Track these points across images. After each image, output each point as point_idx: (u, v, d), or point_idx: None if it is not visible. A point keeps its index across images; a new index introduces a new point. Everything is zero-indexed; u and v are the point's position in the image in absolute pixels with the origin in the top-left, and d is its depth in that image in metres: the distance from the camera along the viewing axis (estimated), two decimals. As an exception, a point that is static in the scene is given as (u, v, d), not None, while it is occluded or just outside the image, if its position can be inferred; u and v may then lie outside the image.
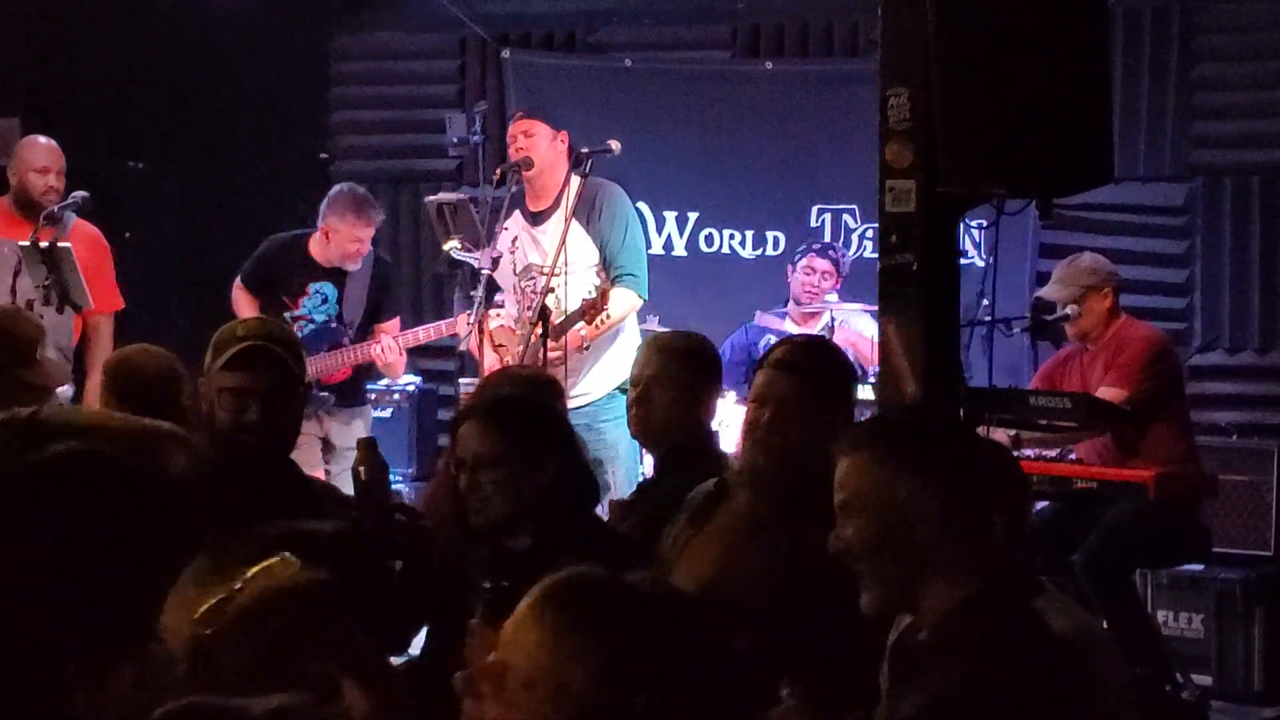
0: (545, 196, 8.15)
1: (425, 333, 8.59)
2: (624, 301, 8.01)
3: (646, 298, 8.18)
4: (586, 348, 7.83)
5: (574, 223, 7.92)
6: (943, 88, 4.97)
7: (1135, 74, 9.60)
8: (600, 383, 8.03)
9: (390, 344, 8.34)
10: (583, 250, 8.01)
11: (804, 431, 4.37)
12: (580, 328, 7.71)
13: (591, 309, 7.66)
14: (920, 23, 5.05)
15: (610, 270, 8.05)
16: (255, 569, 2.71)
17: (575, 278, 7.91)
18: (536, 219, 8.15)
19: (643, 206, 8.60)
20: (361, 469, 4.50)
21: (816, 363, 4.59)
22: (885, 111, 5.31)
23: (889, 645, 3.44)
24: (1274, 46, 9.43)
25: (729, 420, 7.72)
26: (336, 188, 8.62)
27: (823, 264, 9.32)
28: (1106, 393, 7.44)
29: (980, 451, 3.39)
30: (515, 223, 8.19)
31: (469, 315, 8.11)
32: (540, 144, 8.07)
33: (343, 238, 8.37)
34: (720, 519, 4.50)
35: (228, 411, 4.60)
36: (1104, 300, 7.72)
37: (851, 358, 6.85)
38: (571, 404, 7.21)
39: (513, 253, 8.08)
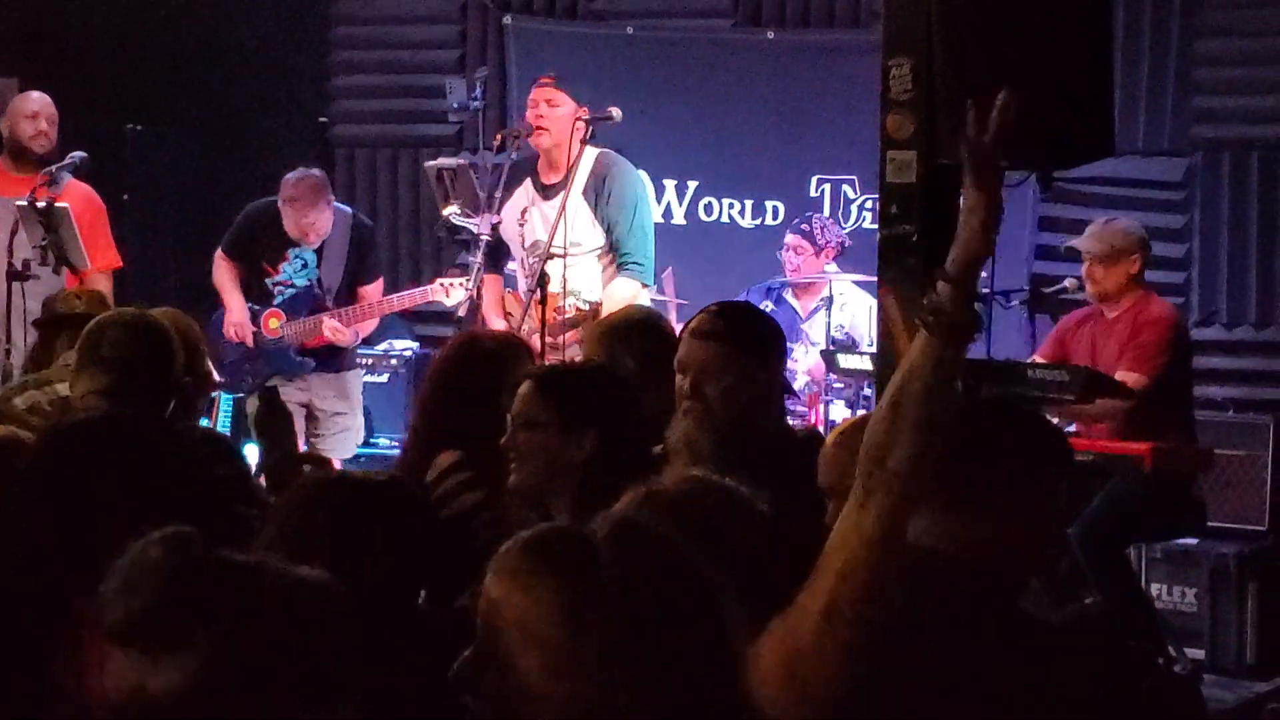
0: (558, 170, 8.00)
1: (401, 300, 8.67)
2: (626, 291, 7.88)
3: (651, 285, 8.13)
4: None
5: (582, 204, 7.92)
6: (944, 59, 4.96)
7: (1136, 48, 9.59)
8: None
9: (337, 325, 8.42)
10: (589, 234, 7.94)
11: (728, 395, 4.50)
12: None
13: (586, 322, 7.56)
14: (923, -7, 5.04)
15: (616, 256, 7.98)
16: None
17: (580, 260, 7.86)
18: (548, 192, 8.05)
19: (642, 174, 8.54)
20: (263, 422, 4.48)
21: (734, 327, 4.65)
22: (887, 82, 5.29)
23: None
24: (1275, 23, 9.42)
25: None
26: (291, 173, 8.63)
27: (793, 239, 9.33)
28: (1126, 377, 7.38)
29: None
30: (525, 192, 8.11)
31: (448, 283, 8.17)
32: (562, 115, 7.94)
33: (286, 218, 8.48)
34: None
35: None
36: (1128, 265, 7.69)
37: None
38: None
39: (522, 225, 8.02)
